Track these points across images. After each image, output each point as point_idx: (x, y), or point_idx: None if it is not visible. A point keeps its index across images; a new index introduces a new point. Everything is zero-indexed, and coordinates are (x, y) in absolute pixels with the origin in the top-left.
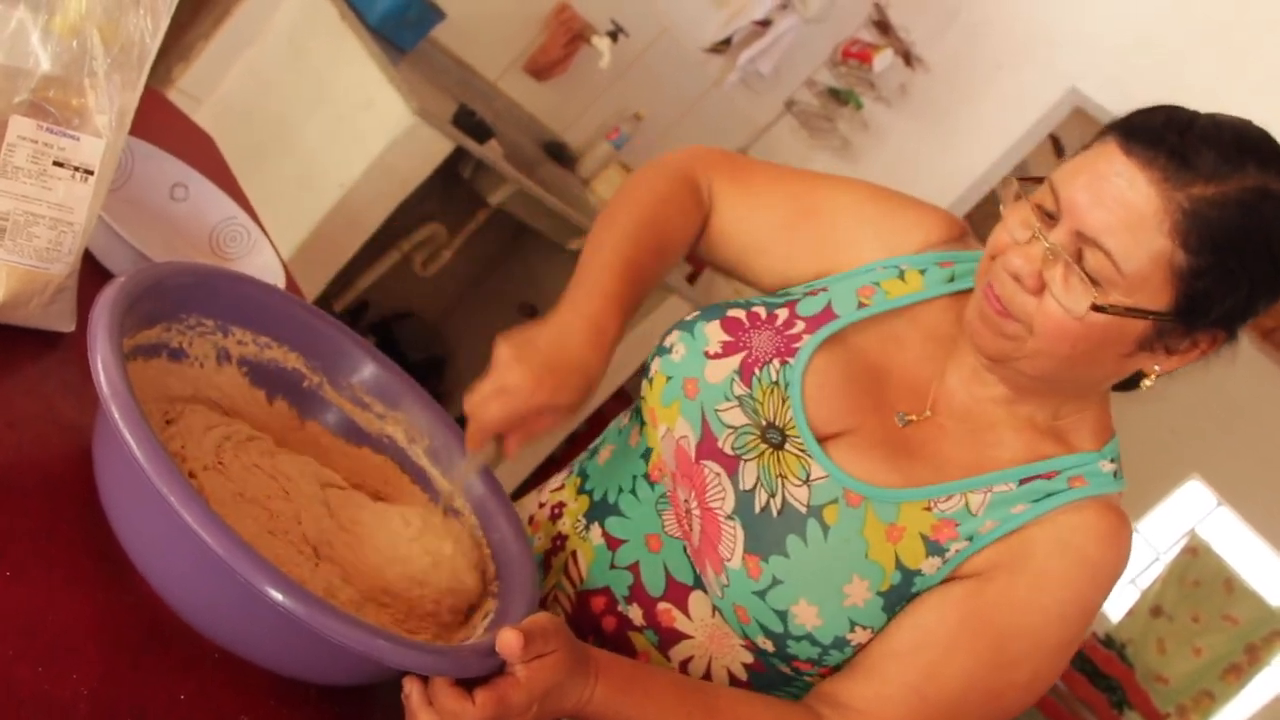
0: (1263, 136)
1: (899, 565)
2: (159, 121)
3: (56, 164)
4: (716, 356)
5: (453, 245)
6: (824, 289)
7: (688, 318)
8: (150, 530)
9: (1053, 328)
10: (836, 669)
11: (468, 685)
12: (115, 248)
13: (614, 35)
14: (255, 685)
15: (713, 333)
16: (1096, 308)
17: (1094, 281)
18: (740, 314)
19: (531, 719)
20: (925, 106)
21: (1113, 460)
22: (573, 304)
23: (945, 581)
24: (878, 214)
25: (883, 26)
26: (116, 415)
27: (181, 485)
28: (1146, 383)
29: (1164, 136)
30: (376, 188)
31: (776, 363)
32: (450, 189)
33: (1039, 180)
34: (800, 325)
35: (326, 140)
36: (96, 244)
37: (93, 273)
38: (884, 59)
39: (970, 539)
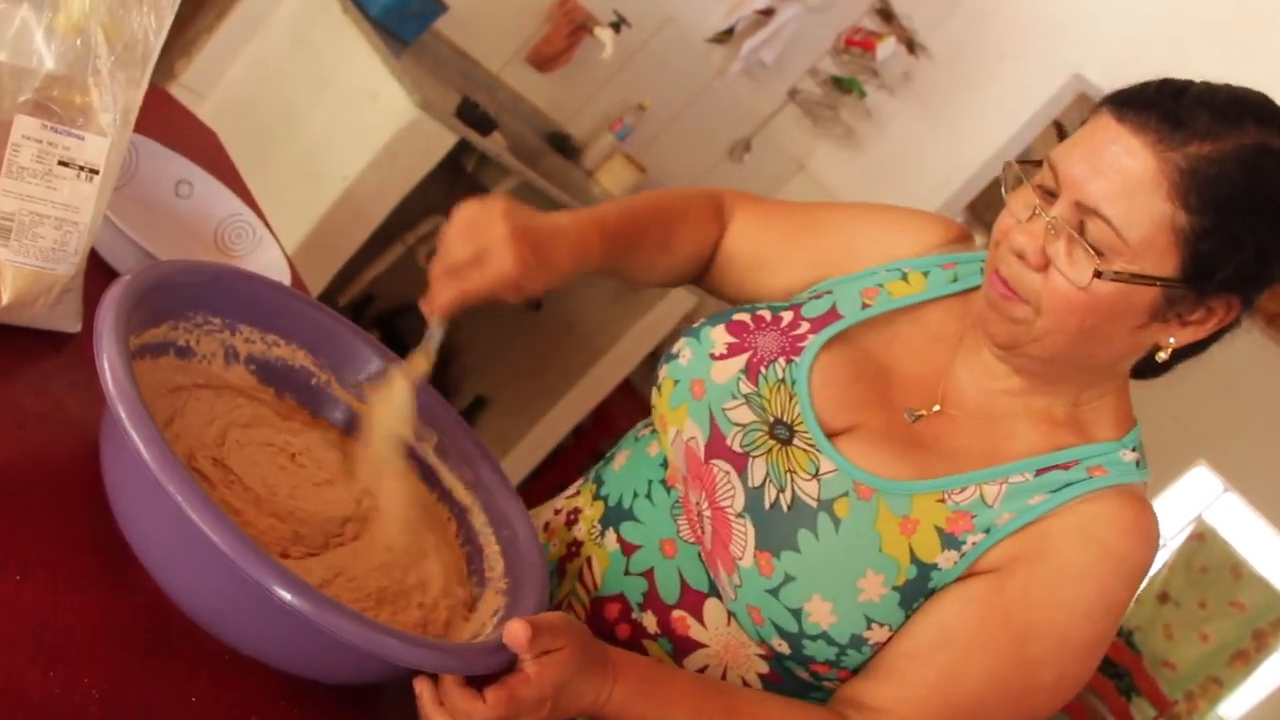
0: (1261, 98)
1: (914, 559)
2: (162, 118)
3: (62, 163)
4: (722, 357)
5: None
6: (828, 291)
7: (695, 325)
8: (158, 530)
9: (1060, 302)
10: (855, 672)
11: (477, 684)
12: (120, 246)
13: (616, 26)
14: (265, 686)
15: (718, 336)
16: (1099, 274)
17: (1097, 251)
18: (745, 317)
19: (545, 716)
20: (929, 95)
21: (1134, 449)
22: (573, 215)
23: (964, 577)
24: (875, 222)
25: (885, 15)
26: (123, 415)
27: (189, 485)
28: (1161, 355)
29: (1157, 101)
30: (380, 181)
31: (782, 361)
32: (454, 181)
33: (1039, 164)
34: (805, 326)
35: (329, 134)
36: (102, 243)
37: (98, 272)
38: (887, 47)
39: (987, 531)
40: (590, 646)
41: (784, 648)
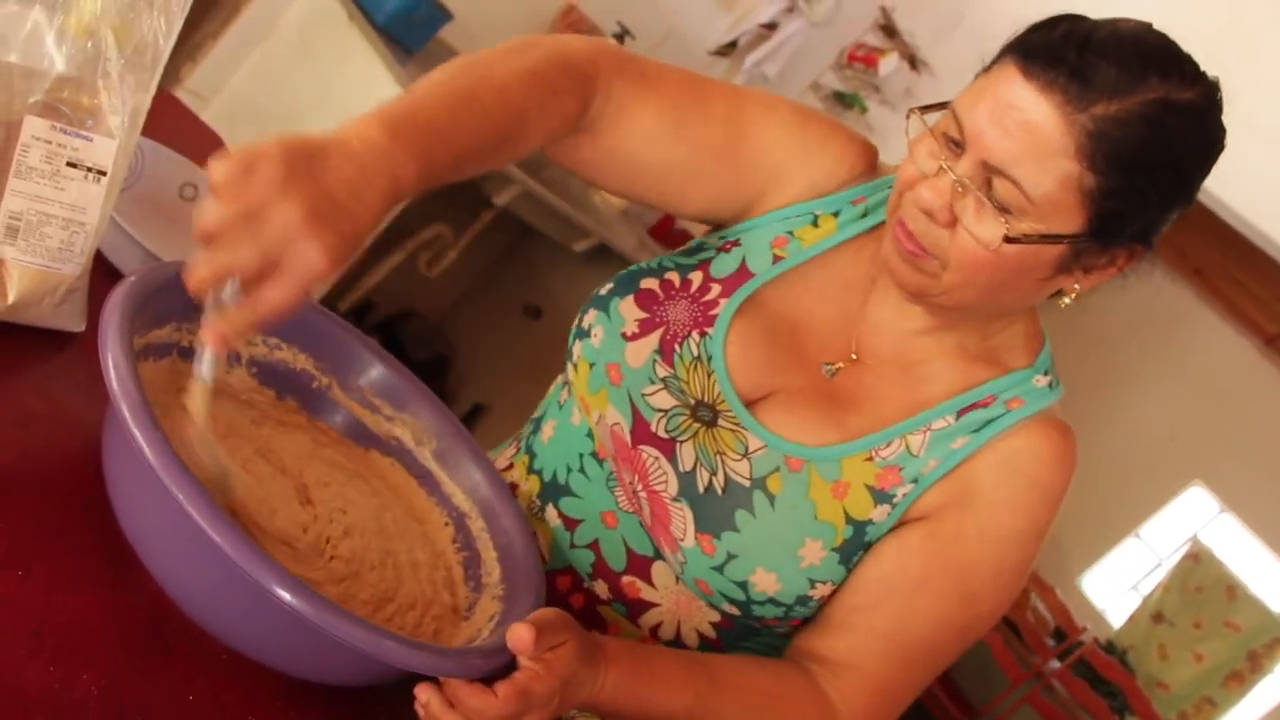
0: (1161, 42)
1: (849, 520)
2: (168, 121)
3: (70, 164)
4: (635, 337)
5: (457, 246)
6: (736, 242)
7: (602, 292)
8: (159, 530)
9: (968, 260)
10: (805, 620)
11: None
12: (125, 247)
13: (620, 37)
14: (263, 686)
15: (628, 311)
16: (1009, 239)
17: (1004, 210)
18: (654, 284)
19: (553, 710)
20: None
21: (1046, 372)
22: (386, 150)
23: (898, 526)
24: (804, 149)
25: (888, 30)
26: (126, 414)
27: (191, 484)
28: (1065, 300)
29: (1063, 56)
30: None
31: (696, 335)
32: (455, 189)
33: (942, 107)
34: (716, 289)
35: None
36: (106, 243)
37: (102, 272)
38: (889, 63)
39: (915, 480)
40: (586, 639)
41: (734, 610)
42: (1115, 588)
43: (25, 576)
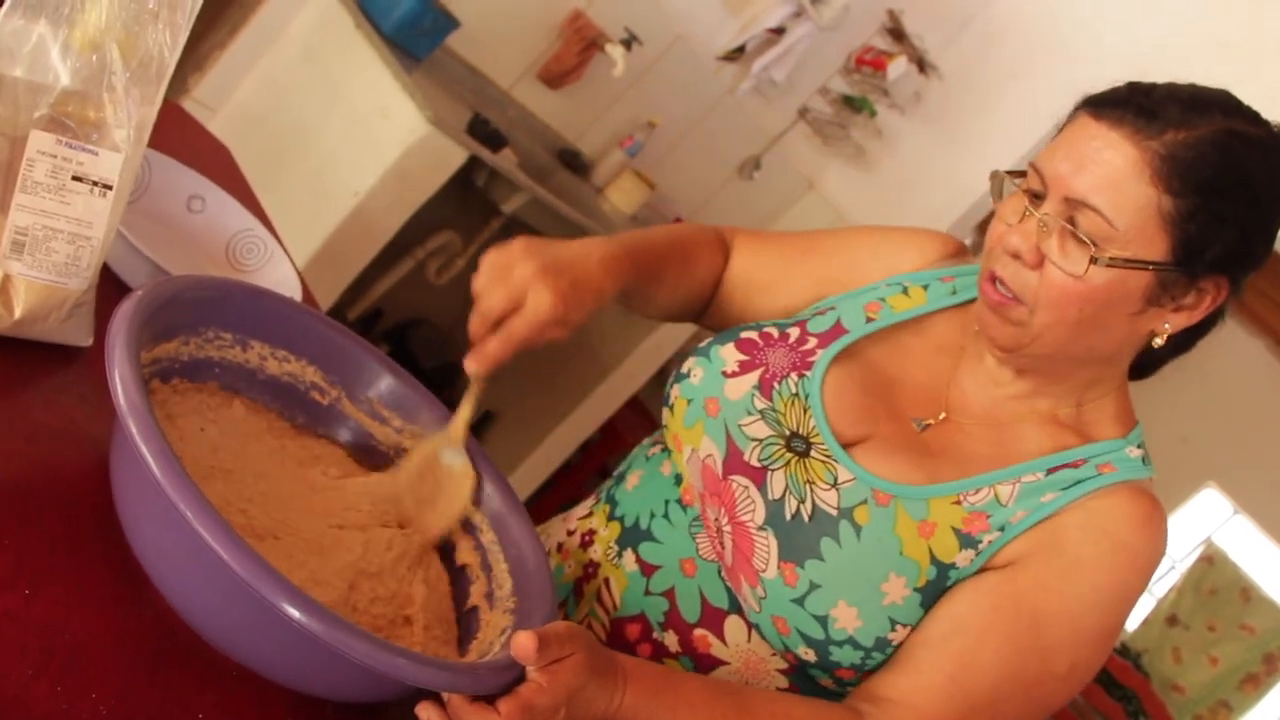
0: (1223, 93)
1: (933, 560)
2: (175, 133)
3: (75, 179)
4: (734, 375)
5: (466, 253)
6: (831, 308)
7: (702, 344)
8: (167, 546)
9: (1057, 294)
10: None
11: (487, 703)
12: (132, 260)
13: (628, 43)
14: (272, 702)
15: (728, 354)
16: (1094, 260)
17: (1090, 241)
18: (753, 335)
19: None
20: (939, 114)
21: (1139, 446)
22: (594, 238)
23: (978, 572)
24: (873, 241)
25: (896, 34)
26: (134, 430)
27: (199, 501)
28: (1158, 341)
29: (1129, 99)
30: (391, 196)
31: (794, 376)
32: (464, 197)
33: (1024, 174)
34: (813, 341)
35: (341, 149)
36: (113, 256)
37: (110, 286)
38: (898, 67)
39: (1002, 529)
40: (598, 652)
41: (810, 655)
42: None
43: (33, 593)
